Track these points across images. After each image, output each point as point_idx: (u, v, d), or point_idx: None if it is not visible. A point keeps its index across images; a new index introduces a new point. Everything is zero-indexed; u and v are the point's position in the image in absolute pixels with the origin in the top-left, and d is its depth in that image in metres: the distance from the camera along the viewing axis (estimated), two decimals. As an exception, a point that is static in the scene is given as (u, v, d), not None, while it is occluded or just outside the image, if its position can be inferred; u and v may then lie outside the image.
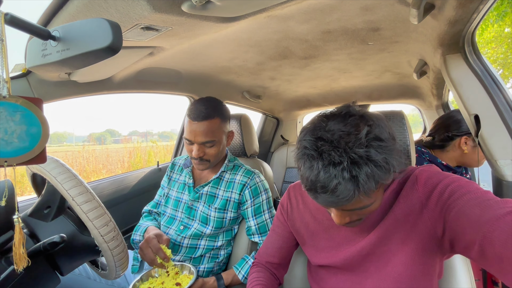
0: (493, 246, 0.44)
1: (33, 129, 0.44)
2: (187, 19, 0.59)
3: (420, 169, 0.63)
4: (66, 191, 0.63)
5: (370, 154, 0.47)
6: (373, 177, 0.47)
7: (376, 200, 0.54)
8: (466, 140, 1.17)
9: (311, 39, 0.99)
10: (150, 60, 1.00)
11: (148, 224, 1.09)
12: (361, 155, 0.47)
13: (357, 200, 0.49)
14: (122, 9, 0.50)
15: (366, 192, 0.48)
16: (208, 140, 0.98)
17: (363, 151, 0.47)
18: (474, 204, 0.49)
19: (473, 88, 0.79)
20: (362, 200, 0.50)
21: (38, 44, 0.50)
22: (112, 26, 0.44)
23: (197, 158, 0.99)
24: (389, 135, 0.52)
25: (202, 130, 0.96)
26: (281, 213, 0.82)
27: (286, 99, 2.09)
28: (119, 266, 0.72)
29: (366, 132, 0.48)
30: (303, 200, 0.78)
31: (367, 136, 0.48)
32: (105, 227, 0.66)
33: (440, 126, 1.26)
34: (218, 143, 1.01)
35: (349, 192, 0.47)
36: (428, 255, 0.59)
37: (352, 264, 0.66)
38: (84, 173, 7.07)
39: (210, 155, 1.00)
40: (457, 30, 0.69)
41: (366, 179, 0.46)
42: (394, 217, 0.61)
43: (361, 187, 0.47)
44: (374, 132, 0.49)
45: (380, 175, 0.48)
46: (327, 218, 0.71)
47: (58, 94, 0.99)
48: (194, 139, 0.97)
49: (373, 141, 0.48)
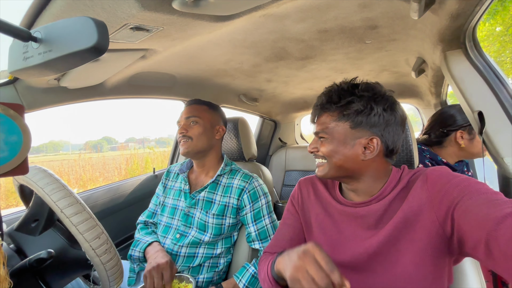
0: (499, 244, 0.44)
1: (13, 137, 0.41)
2: (178, 18, 0.56)
3: (431, 169, 0.63)
4: (54, 202, 0.59)
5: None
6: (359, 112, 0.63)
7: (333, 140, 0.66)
8: (461, 134, 1.17)
9: (308, 39, 0.97)
10: (143, 64, 0.97)
11: (148, 239, 1.04)
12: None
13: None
14: (108, 8, 0.48)
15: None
16: (191, 115, 1.07)
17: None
18: (481, 203, 0.50)
19: (476, 84, 0.77)
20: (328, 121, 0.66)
21: (20, 46, 0.47)
22: (98, 24, 0.40)
23: (180, 135, 1.05)
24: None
25: (189, 109, 1.09)
26: (292, 204, 0.82)
27: (283, 101, 2.07)
28: (113, 281, 0.68)
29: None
30: (314, 192, 0.79)
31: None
32: (97, 240, 0.62)
33: (434, 123, 1.26)
34: (202, 124, 1.07)
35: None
36: (438, 255, 0.58)
37: (358, 262, 0.65)
38: (81, 181, 6.98)
39: (192, 133, 1.05)
40: (458, 24, 0.67)
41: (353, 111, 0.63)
42: (404, 216, 0.60)
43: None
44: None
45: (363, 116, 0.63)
46: (338, 213, 0.71)
47: (47, 101, 0.95)
48: (181, 117, 1.09)
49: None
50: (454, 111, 1.20)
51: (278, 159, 2.35)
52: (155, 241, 1.03)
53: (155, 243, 1.02)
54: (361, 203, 0.68)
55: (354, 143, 0.64)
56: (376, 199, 0.66)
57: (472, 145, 1.16)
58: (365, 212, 0.66)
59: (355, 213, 0.68)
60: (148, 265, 0.91)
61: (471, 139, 1.16)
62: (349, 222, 0.69)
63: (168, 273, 0.87)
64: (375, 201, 0.66)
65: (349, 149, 0.64)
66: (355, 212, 0.68)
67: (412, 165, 0.85)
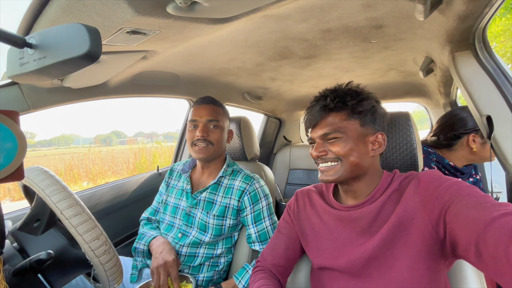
0: (487, 247, 0.44)
1: (7, 144, 0.41)
2: (175, 22, 0.56)
3: (423, 173, 0.64)
4: (55, 204, 0.60)
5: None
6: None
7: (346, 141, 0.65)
8: (474, 137, 1.13)
9: (311, 38, 0.95)
10: (145, 64, 0.97)
11: (153, 233, 1.05)
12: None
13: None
14: (103, 13, 0.47)
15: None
16: (212, 118, 1.02)
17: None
18: (471, 206, 0.50)
19: (485, 87, 0.74)
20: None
21: (16, 52, 0.47)
22: (90, 31, 0.40)
23: (201, 138, 0.99)
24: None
25: (208, 111, 1.02)
26: (288, 214, 0.83)
27: (288, 100, 2.05)
28: (113, 280, 0.69)
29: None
30: (310, 202, 0.79)
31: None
32: (96, 241, 0.63)
33: (444, 125, 1.21)
34: (221, 129, 1.04)
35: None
36: (432, 259, 0.58)
37: (354, 268, 0.65)
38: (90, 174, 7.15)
39: (213, 137, 1.01)
40: (467, 26, 0.64)
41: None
42: (398, 220, 0.61)
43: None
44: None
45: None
46: (333, 219, 0.72)
47: (51, 101, 0.96)
48: (200, 118, 1.02)
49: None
50: (465, 114, 1.15)
51: (282, 157, 2.34)
52: (159, 235, 1.05)
53: (159, 237, 1.03)
54: (353, 206, 0.68)
55: (365, 140, 0.66)
56: (368, 201, 0.67)
57: (485, 149, 1.12)
58: (358, 214, 0.67)
59: (348, 217, 0.69)
60: (154, 260, 0.92)
61: (484, 143, 1.11)
62: (343, 228, 0.70)
63: (174, 271, 0.89)
64: (368, 204, 0.67)
65: (362, 146, 0.66)
66: (348, 216, 0.69)
67: (416, 169, 0.83)
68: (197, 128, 1.01)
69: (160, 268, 0.88)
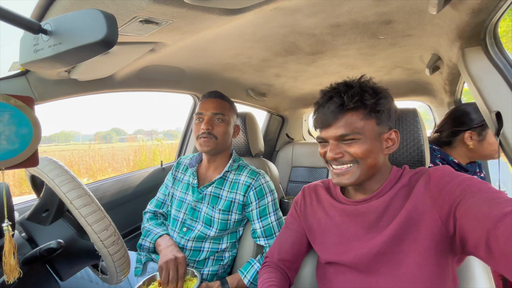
0: (498, 243, 0.44)
1: (23, 130, 0.41)
2: (188, 11, 0.55)
3: (434, 168, 0.63)
4: (64, 194, 0.60)
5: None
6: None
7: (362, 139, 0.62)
8: (470, 134, 1.14)
9: (319, 34, 0.95)
10: (152, 57, 0.97)
11: (159, 231, 1.05)
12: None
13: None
14: (118, 0, 0.47)
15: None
16: (218, 112, 1.03)
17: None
18: (482, 202, 0.50)
19: (495, 83, 0.74)
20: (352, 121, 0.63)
21: (30, 38, 0.47)
22: (107, 17, 0.40)
23: (205, 132, 1.00)
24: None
25: (214, 104, 1.04)
26: (295, 210, 0.83)
27: (292, 97, 2.04)
28: (120, 272, 0.69)
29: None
30: (317, 198, 0.79)
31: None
32: (105, 232, 0.63)
33: (445, 121, 1.23)
34: (227, 123, 1.05)
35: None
36: (441, 254, 0.58)
37: (362, 263, 0.65)
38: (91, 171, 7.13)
39: (218, 131, 1.02)
40: (479, 20, 0.63)
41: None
42: (408, 215, 0.60)
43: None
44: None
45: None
46: (339, 214, 0.72)
47: (58, 93, 0.96)
48: (205, 111, 1.03)
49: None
50: (470, 109, 1.16)
51: (284, 155, 2.34)
52: (166, 234, 1.04)
53: (166, 236, 1.02)
54: (361, 201, 0.68)
55: (380, 139, 0.65)
56: (376, 196, 0.67)
57: (482, 146, 1.13)
58: (366, 209, 0.67)
59: (355, 211, 0.68)
60: (163, 257, 0.91)
61: (480, 140, 1.13)
62: (350, 223, 0.69)
63: (183, 268, 0.88)
64: (375, 198, 0.66)
65: (379, 146, 0.64)
66: (355, 210, 0.68)
67: (424, 165, 0.83)
68: (203, 121, 1.02)
69: (170, 262, 0.87)
